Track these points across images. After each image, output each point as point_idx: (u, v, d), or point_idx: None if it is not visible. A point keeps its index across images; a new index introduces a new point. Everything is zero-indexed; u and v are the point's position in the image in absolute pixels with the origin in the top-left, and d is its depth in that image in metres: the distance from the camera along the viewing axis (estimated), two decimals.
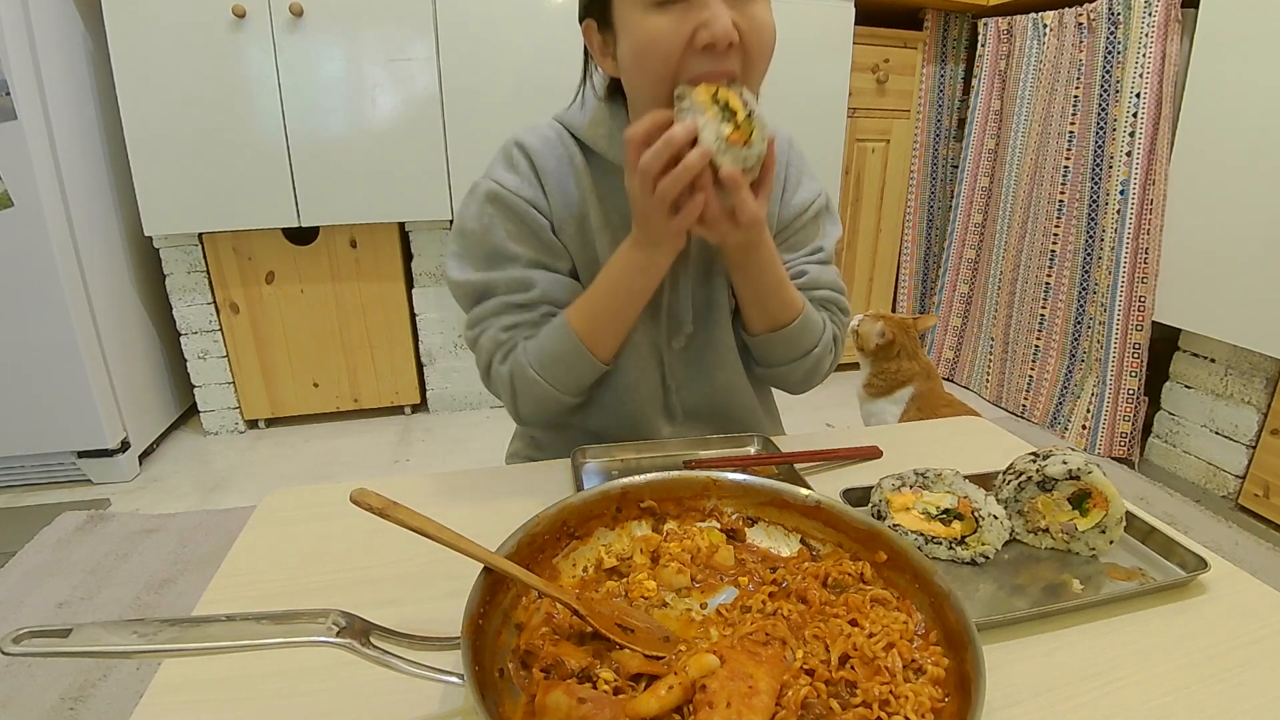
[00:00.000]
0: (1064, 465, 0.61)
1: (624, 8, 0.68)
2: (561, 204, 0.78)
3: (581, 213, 0.78)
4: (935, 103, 2.50)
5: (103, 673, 1.19)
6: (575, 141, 0.79)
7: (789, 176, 0.86)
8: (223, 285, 2.03)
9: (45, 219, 1.61)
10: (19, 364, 1.69)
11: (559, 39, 1.86)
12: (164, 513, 1.72)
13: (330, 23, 1.80)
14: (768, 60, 0.70)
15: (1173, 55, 1.83)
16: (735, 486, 0.60)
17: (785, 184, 0.86)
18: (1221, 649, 0.51)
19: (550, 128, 0.80)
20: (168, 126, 1.78)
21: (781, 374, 0.87)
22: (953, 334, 2.64)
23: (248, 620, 0.39)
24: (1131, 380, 2.00)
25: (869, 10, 2.14)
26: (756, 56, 0.68)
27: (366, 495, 0.45)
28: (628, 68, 0.71)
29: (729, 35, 0.63)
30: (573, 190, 0.78)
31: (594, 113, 0.78)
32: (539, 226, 0.77)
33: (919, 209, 2.61)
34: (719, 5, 0.64)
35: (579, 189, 0.78)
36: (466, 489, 0.73)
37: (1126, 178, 1.91)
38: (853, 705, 0.41)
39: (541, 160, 0.77)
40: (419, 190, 1.98)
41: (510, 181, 0.77)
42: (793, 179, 0.86)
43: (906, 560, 0.50)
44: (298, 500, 0.70)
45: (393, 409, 2.32)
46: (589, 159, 0.79)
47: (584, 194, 0.78)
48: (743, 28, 0.65)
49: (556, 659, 0.43)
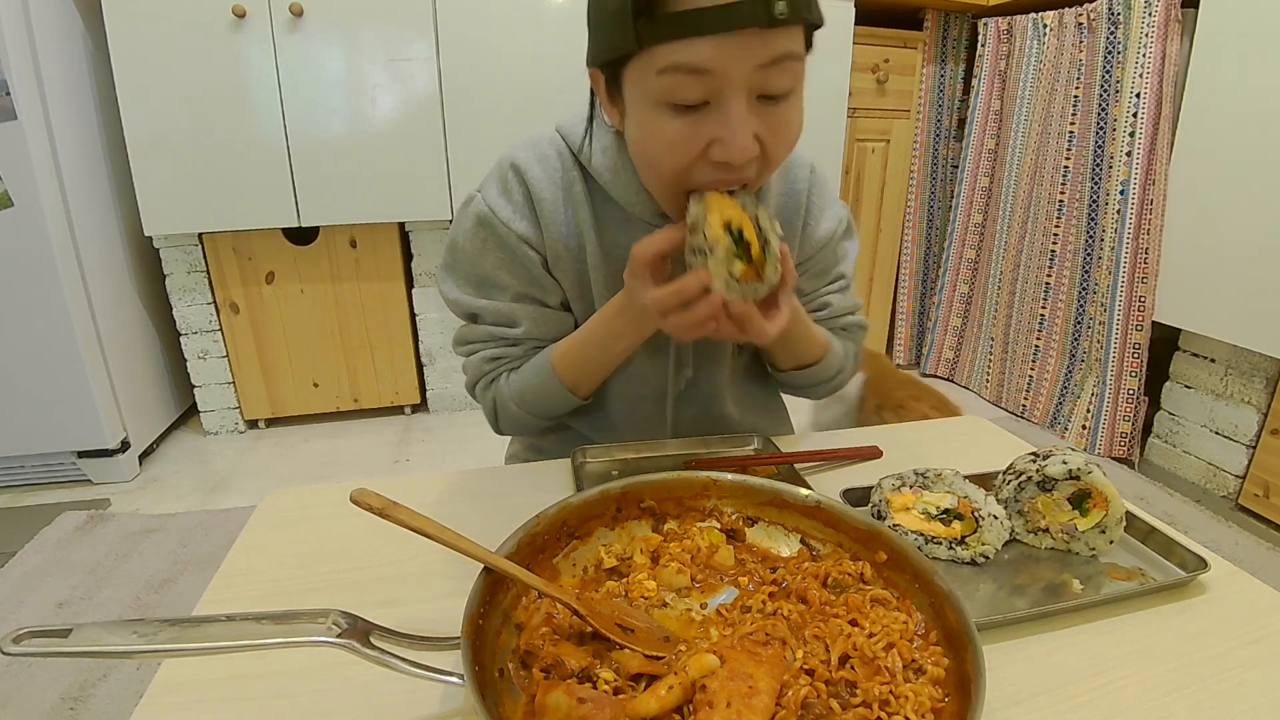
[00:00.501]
0: (1064, 465, 0.61)
1: (634, 91, 0.59)
2: (556, 236, 0.74)
3: (578, 245, 0.74)
4: (935, 103, 2.50)
5: (103, 673, 1.19)
6: (576, 164, 0.73)
7: (810, 207, 0.80)
8: (223, 285, 2.03)
9: (45, 219, 1.61)
10: (19, 364, 1.69)
11: (559, 39, 1.86)
12: (164, 513, 1.72)
13: (330, 23, 1.80)
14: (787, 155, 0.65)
15: (1173, 55, 1.83)
16: (735, 486, 0.60)
17: (807, 216, 0.80)
18: (1221, 649, 0.51)
19: (551, 144, 0.74)
20: (168, 126, 1.78)
21: (805, 393, 0.90)
22: (953, 334, 2.64)
23: (248, 620, 0.39)
24: (1131, 380, 2.00)
25: (869, 10, 2.14)
26: (776, 159, 0.62)
27: (366, 495, 0.45)
28: (634, 152, 0.65)
29: (746, 154, 0.57)
30: (569, 222, 0.73)
31: (599, 142, 0.71)
32: (529, 261, 0.74)
33: (919, 209, 2.61)
34: (740, 116, 0.55)
35: (576, 221, 0.74)
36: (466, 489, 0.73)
37: (1126, 178, 1.91)
38: (853, 705, 0.41)
39: (538, 188, 0.72)
40: (419, 190, 1.98)
41: (503, 211, 0.73)
42: (814, 211, 0.81)
43: (906, 560, 0.50)
44: (298, 500, 0.70)
45: (393, 409, 2.32)
46: (589, 186, 0.73)
47: (581, 226, 0.73)
48: (765, 138, 0.58)
49: (556, 659, 0.43)
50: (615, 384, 0.82)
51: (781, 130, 0.59)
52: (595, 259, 0.74)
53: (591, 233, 0.74)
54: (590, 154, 0.72)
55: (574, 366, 0.74)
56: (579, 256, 0.75)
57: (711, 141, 0.57)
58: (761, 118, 0.57)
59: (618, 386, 0.82)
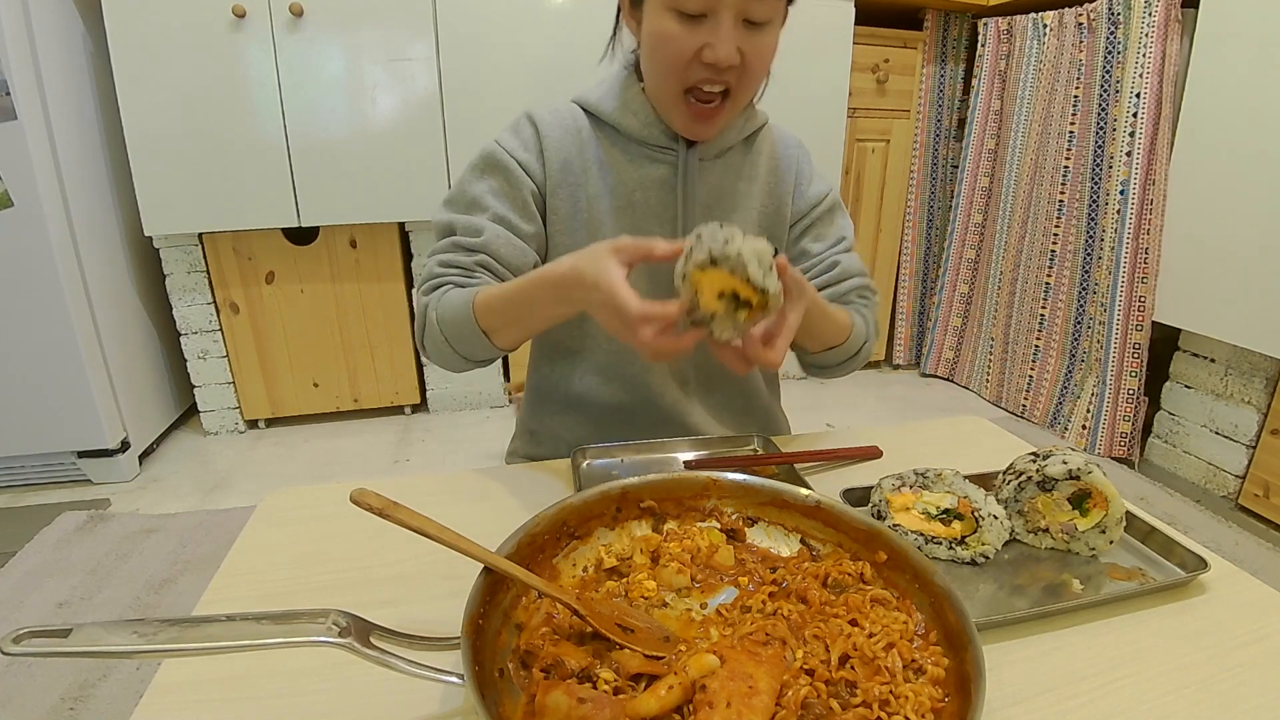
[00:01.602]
0: (1064, 465, 0.61)
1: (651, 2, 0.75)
2: (559, 167, 0.83)
3: (581, 175, 0.84)
4: (935, 103, 2.50)
5: (103, 673, 1.19)
6: (587, 115, 0.85)
7: (801, 168, 0.92)
8: (223, 285, 2.03)
9: (45, 219, 1.61)
10: (19, 364, 1.69)
11: (559, 39, 1.86)
12: (164, 513, 1.72)
13: (330, 23, 1.80)
14: (763, 77, 0.80)
15: (1173, 55, 1.83)
16: (735, 486, 0.60)
17: (798, 177, 0.92)
18: (1221, 649, 0.51)
19: (564, 104, 0.87)
20: (168, 126, 1.78)
21: (835, 371, 0.90)
22: (953, 334, 2.64)
23: (248, 620, 0.39)
24: (1131, 380, 2.00)
25: (869, 10, 2.14)
26: (753, 76, 0.77)
27: (366, 495, 0.45)
28: (645, 48, 0.79)
29: (730, 60, 0.72)
30: (573, 155, 0.84)
31: (610, 82, 0.86)
32: (520, 184, 0.82)
33: (919, 209, 2.61)
34: (729, 31, 0.71)
35: (581, 155, 0.84)
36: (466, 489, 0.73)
37: (1126, 178, 1.91)
38: (853, 705, 0.41)
39: (546, 128, 0.84)
40: (419, 190, 1.98)
41: (510, 143, 0.83)
42: (805, 171, 0.93)
43: (906, 560, 0.50)
44: (298, 500, 0.70)
45: (393, 409, 2.32)
46: (598, 128, 0.85)
47: (585, 160, 0.84)
48: (746, 52, 0.73)
49: (556, 659, 0.43)
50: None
51: (758, 50, 0.74)
52: (598, 188, 0.84)
53: (595, 165, 0.84)
54: (602, 94, 0.85)
55: (494, 312, 0.74)
56: (579, 185, 0.84)
57: (704, 45, 0.72)
58: (744, 38, 0.72)
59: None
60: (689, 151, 0.84)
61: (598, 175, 0.84)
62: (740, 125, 0.87)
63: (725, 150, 0.87)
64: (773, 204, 0.90)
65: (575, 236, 0.85)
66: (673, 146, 0.84)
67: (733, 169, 0.88)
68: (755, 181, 0.89)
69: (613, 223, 0.84)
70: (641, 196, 0.84)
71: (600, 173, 0.84)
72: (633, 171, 0.83)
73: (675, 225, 0.85)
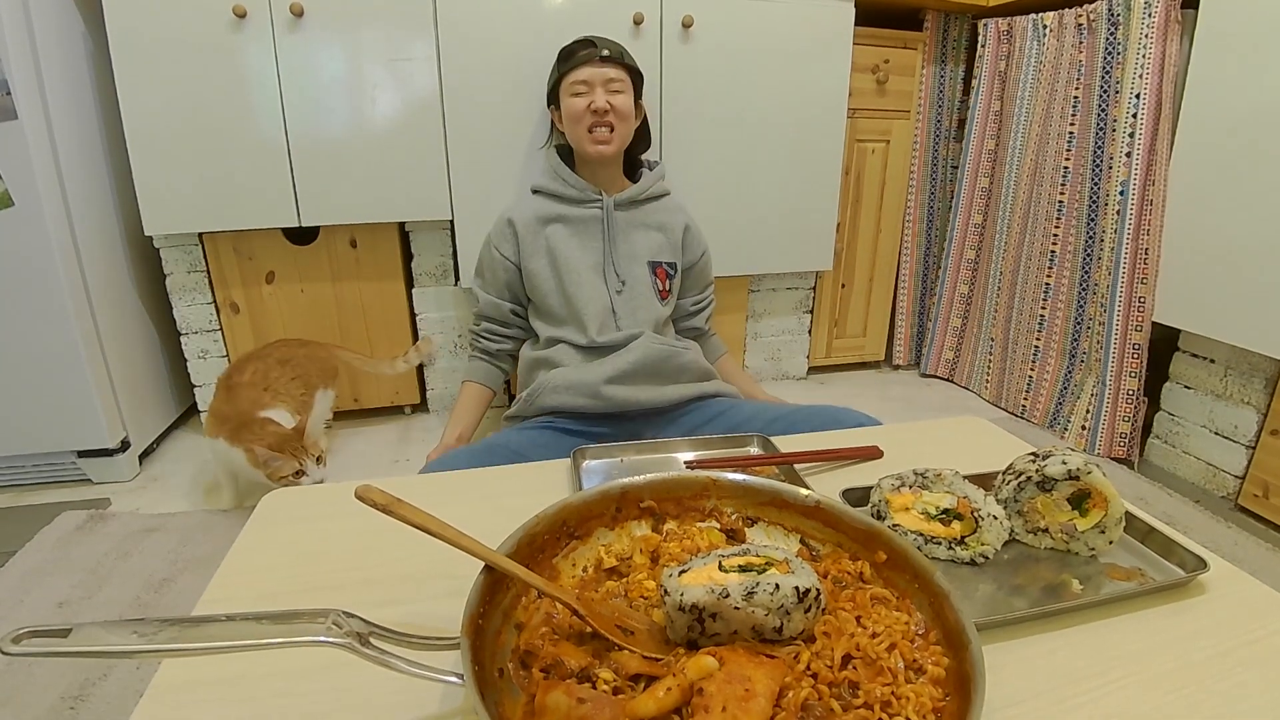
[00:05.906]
0: (1063, 465, 0.61)
1: (563, 96, 1.47)
2: (530, 239, 1.48)
3: (543, 232, 1.48)
4: (935, 103, 2.50)
5: (103, 673, 1.19)
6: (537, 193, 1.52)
7: (689, 228, 1.57)
8: (223, 285, 2.03)
9: (45, 219, 1.61)
10: (19, 364, 1.69)
11: (559, 40, 1.85)
12: (164, 512, 1.72)
13: (330, 23, 1.80)
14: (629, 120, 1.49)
15: (1173, 55, 1.83)
16: (735, 486, 0.60)
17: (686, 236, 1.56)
18: (1221, 649, 0.51)
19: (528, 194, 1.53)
20: (168, 126, 1.78)
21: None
22: (953, 334, 2.64)
23: (248, 620, 0.39)
24: (1131, 380, 2.00)
25: (869, 10, 2.14)
26: (622, 117, 1.44)
27: (371, 491, 0.45)
28: (565, 119, 1.49)
29: (603, 106, 1.41)
30: (536, 225, 1.48)
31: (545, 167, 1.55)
32: (500, 268, 1.51)
33: (919, 209, 2.61)
34: (600, 93, 1.42)
35: (542, 220, 1.48)
36: (467, 489, 0.73)
37: (1126, 178, 1.91)
38: (854, 706, 0.41)
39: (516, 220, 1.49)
40: (419, 190, 1.98)
41: (495, 238, 1.53)
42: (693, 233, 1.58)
43: (906, 560, 0.50)
44: (298, 500, 0.70)
45: (393, 409, 2.32)
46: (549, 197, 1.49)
47: (547, 220, 1.48)
48: (614, 104, 1.42)
49: (556, 659, 0.43)
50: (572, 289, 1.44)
51: (621, 102, 1.44)
52: (557, 233, 1.47)
53: (553, 222, 1.48)
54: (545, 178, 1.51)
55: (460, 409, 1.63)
56: (543, 236, 1.47)
57: (590, 102, 1.41)
58: (611, 97, 1.42)
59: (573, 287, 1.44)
60: (609, 199, 1.45)
61: (556, 225, 1.47)
62: (645, 188, 1.50)
63: (633, 201, 1.48)
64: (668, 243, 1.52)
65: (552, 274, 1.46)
66: (599, 198, 1.45)
67: (639, 214, 1.50)
68: (650, 226, 1.50)
69: (564, 248, 1.44)
70: (582, 228, 1.46)
71: (556, 223, 1.47)
72: (575, 213, 1.47)
73: (604, 244, 1.46)
